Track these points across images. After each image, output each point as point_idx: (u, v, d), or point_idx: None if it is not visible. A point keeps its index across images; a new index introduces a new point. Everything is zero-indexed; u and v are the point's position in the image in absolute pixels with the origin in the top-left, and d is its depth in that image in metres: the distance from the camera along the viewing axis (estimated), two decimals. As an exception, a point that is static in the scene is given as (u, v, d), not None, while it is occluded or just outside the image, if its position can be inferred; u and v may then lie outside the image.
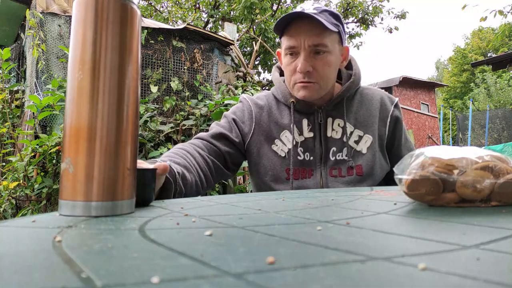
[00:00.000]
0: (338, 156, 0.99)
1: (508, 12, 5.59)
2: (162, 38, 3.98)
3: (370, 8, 10.62)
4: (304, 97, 0.97)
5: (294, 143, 1.00)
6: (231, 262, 0.21)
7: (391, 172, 1.05)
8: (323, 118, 1.01)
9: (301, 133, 1.02)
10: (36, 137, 2.79)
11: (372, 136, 1.01)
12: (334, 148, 1.00)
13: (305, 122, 1.02)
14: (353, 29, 11.44)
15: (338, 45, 0.98)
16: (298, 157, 1.00)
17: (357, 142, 1.00)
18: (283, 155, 1.01)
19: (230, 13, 9.57)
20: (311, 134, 1.01)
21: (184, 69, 4.05)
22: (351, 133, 1.01)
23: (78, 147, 0.42)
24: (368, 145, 1.00)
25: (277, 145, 1.02)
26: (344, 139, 0.99)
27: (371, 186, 0.98)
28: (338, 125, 1.01)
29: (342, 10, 10.68)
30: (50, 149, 2.15)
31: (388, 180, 1.07)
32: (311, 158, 1.00)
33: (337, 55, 0.99)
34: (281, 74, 1.10)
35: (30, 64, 3.79)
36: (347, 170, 0.98)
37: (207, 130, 1.12)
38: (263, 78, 10.35)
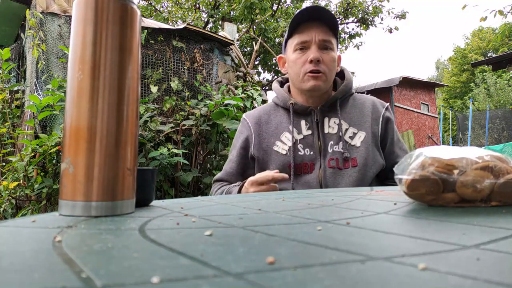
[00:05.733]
0: (335, 148, 1.07)
1: (508, 12, 5.59)
2: (162, 38, 3.98)
3: (370, 8, 10.62)
4: (314, 86, 1.06)
5: (294, 141, 1.08)
6: (231, 262, 0.21)
7: (387, 170, 1.09)
8: (319, 118, 1.10)
9: (299, 132, 1.10)
10: (36, 137, 2.79)
11: (366, 132, 1.08)
12: (332, 142, 1.07)
13: (303, 122, 1.11)
14: (353, 29, 11.44)
15: (336, 49, 1.12)
16: (299, 153, 1.07)
17: (351, 137, 1.08)
18: (284, 153, 1.08)
19: (230, 13, 9.56)
20: (309, 132, 1.09)
21: (184, 69, 4.05)
22: (346, 130, 1.09)
23: (78, 147, 0.41)
24: (362, 140, 1.07)
25: (277, 146, 1.10)
26: (340, 133, 1.07)
27: (366, 177, 1.03)
28: (334, 122, 1.10)
29: (342, 10, 10.68)
30: (50, 149, 2.15)
31: (385, 179, 1.11)
32: (311, 152, 1.07)
33: (336, 57, 1.12)
34: (281, 86, 1.23)
35: (30, 64, 3.79)
36: (343, 162, 1.05)
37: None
38: (263, 78, 10.35)
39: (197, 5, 10.42)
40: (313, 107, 1.10)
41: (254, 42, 7.79)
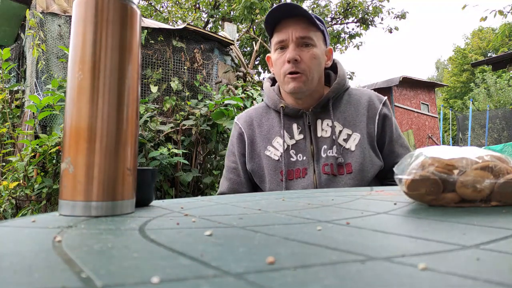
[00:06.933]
0: (329, 152, 1.02)
1: (508, 12, 5.59)
2: (162, 38, 3.98)
3: (370, 8, 10.62)
4: (294, 88, 1.00)
5: (285, 146, 1.04)
6: (231, 262, 0.21)
7: (386, 170, 1.05)
8: (311, 120, 1.05)
9: (291, 136, 1.05)
10: (36, 137, 2.79)
11: (361, 134, 1.02)
12: (325, 146, 1.02)
13: (294, 126, 1.06)
14: (353, 29, 11.44)
15: (323, 43, 1.05)
16: (291, 159, 1.04)
17: (346, 140, 1.03)
18: (276, 158, 1.05)
19: (230, 13, 9.56)
20: (301, 136, 1.05)
21: (184, 69, 4.05)
22: (340, 132, 1.03)
23: (78, 147, 0.41)
24: (356, 143, 1.02)
25: (269, 151, 1.06)
26: (334, 137, 1.02)
27: (363, 183, 0.99)
28: (327, 125, 1.04)
29: (342, 10, 10.68)
30: (50, 149, 2.15)
31: (383, 179, 1.08)
32: (304, 158, 1.03)
33: (322, 52, 1.05)
34: (272, 84, 1.17)
35: (30, 64, 3.79)
36: (337, 168, 1.00)
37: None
38: (263, 78, 10.35)
39: (197, 5, 10.42)
40: (305, 110, 1.05)
41: (254, 42, 7.79)
